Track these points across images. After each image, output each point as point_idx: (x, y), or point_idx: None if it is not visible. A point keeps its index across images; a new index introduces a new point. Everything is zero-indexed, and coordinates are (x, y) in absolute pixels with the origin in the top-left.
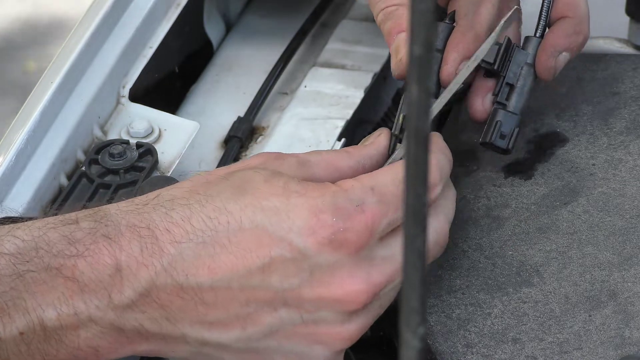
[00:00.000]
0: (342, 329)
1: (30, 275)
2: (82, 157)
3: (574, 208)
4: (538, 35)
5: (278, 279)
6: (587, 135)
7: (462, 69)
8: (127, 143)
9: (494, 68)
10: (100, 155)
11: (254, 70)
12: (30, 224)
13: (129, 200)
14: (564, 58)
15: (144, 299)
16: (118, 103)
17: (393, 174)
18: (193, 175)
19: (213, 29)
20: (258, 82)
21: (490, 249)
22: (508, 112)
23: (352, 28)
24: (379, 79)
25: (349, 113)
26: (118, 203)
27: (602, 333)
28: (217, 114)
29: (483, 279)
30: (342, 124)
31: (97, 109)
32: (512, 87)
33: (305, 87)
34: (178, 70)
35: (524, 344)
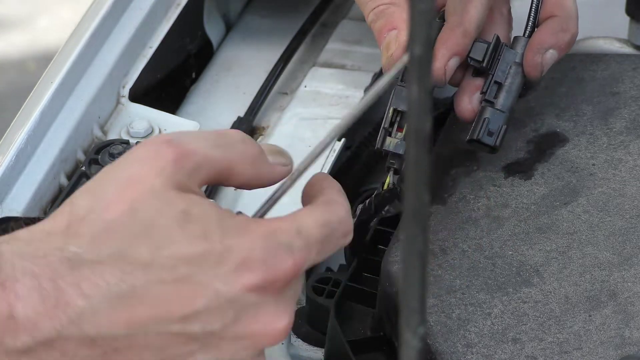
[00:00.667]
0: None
1: None
2: (82, 157)
3: (574, 208)
4: (527, 35)
5: (200, 326)
6: (587, 135)
7: (381, 79)
8: (127, 143)
9: (483, 66)
10: (100, 155)
11: (254, 70)
12: None
13: (28, 235)
14: (551, 56)
15: (45, 348)
16: (118, 103)
17: (316, 218)
18: (65, 205)
19: (213, 29)
20: (258, 82)
21: (490, 249)
22: (496, 110)
23: (352, 28)
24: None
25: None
26: (15, 239)
27: (602, 333)
28: (217, 114)
29: (483, 279)
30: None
31: (97, 109)
32: (500, 85)
33: (305, 87)
34: (178, 70)
35: (524, 344)
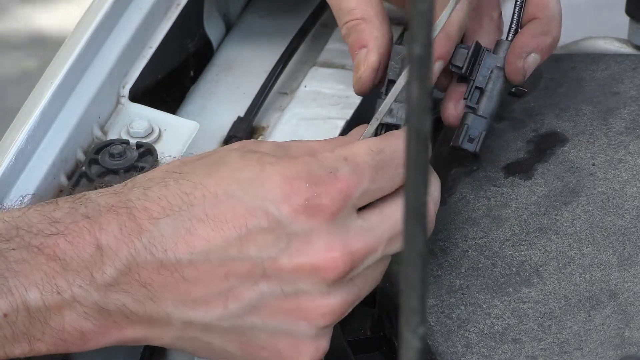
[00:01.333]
0: (323, 302)
1: (11, 254)
2: (82, 157)
3: (574, 208)
4: (509, 39)
5: (256, 250)
6: (587, 135)
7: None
8: (127, 143)
9: (462, 72)
10: (100, 155)
11: (254, 70)
12: (11, 209)
13: (107, 188)
14: (534, 59)
15: (126, 277)
16: (118, 103)
17: (368, 146)
18: (170, 160)
19: (213, 29)
20: (258, 82)
21: (490, 249)
22: (477, 115)
23: None
24: None
25: (349, 113)
26: (97, 190)
27: (602, 333)
28: (217, 114)
29: (483, 279)
30: (342, 124)
31: (97, 109)
32: (482, 90)
33: (305, 87)
34: (178, 70)
35: (524, 344)
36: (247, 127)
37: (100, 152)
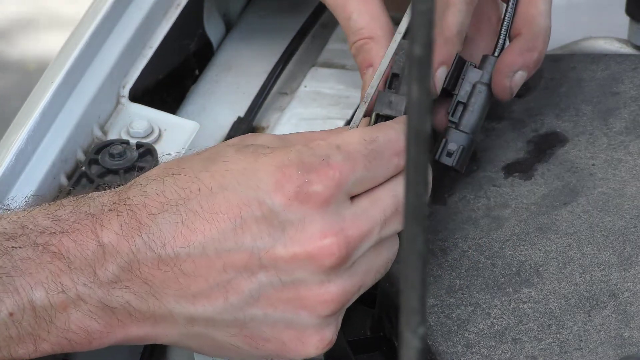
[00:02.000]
0: (322, 290)
1: (17, 252)
2: (82, 157)
3: (574, 208)
4: (496, 54)
5: (251, 240)
6: (587, 135)
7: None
8: (127, 143)
9: (444, 87)
10: (100, 155)
11: (254, 70)
12: (18, 210)
13: (111, 189)
14: (520, 77)
15: (128, 274)
16: (118, 103)
17: (361, 134)
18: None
19: (213, 29)
20: (258, 82)
21: (490, 249)
22: (458, 130)
23: None
24: None
25: (349, 113)
26: (100, 191)
27: (602, 333)
28: (217, 114)
29: (483, 279)
30: (342, 124)
31: (97, 109)
32: (465, 105)
33: (305, 87)
34: (178, 70)
35: (524, 344)
36: (247, 127)
37: (100, 152)
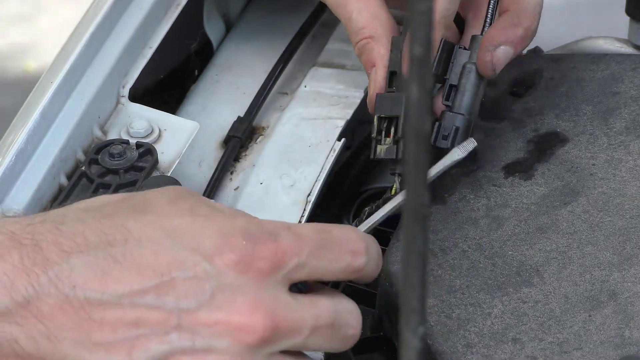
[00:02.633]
0: None
1: None
2: (82, 157)
3: (574, 208)
4: (482, 34)
5: (174, 299)
6: (587, 135)
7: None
8: (127, 143)
9: (434, 73)
10: (100, 155)
11: (254, 70)
12: None
13: (18, 217)
14: (504, 52)
15: (22, 310)
16: (118, 103)
17: (314, 225)
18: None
19: (213, 29)
20: (258, 82)
21: (490, 249)
22: (453, 113)
23: None
24: None
25: (349, 113)
26: (6, 218)
27: (602, 333)
28: (217, 114)
29: (483, 279)
30: (342, 124)
31: (97, 109)
32: (456, 88)
33: (305, 87)
34: (178, 70)
35: (524, 344)
36: (247, 127)
37: (100, 152)
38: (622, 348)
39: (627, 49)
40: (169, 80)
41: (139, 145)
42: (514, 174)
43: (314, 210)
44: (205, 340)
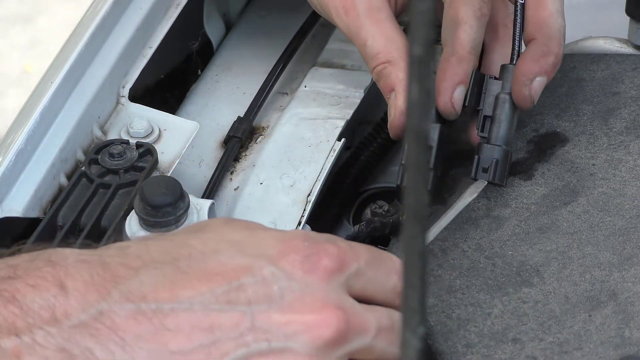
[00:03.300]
0: None
1: None
2: (82, 157)
3: (574, 208)
4: (513, 62)
5: (246, 302)
6: (587, 135)
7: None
8: (127, 143)
9: (466, 105)
10: (100, 155)
11: (254, 70)
12: None
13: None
14: (539, 83)
15: (94, 322)
16: (118, 103)
17: (365, 245)
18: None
19: (213, 29)
20: (258, 82)
21: (490, 249)
22: (489, 145)
23: None
24: None
25: (349, 113)
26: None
27: (602, 333)
28: (217, 114)
29: (483, 279)
30: (342, 124)
31: (97, 109)
32: (491, 119)
33: (305, 87)
34: (178, 70)
35: (524, 344)
36: (247, 127)
37: (100, 152)
38: (622, 348)
39: (627, 49)
40: (169, 80)
41: (139, 146)
42: (514, 174)
43: (314, 210)
44: (281, 341)
